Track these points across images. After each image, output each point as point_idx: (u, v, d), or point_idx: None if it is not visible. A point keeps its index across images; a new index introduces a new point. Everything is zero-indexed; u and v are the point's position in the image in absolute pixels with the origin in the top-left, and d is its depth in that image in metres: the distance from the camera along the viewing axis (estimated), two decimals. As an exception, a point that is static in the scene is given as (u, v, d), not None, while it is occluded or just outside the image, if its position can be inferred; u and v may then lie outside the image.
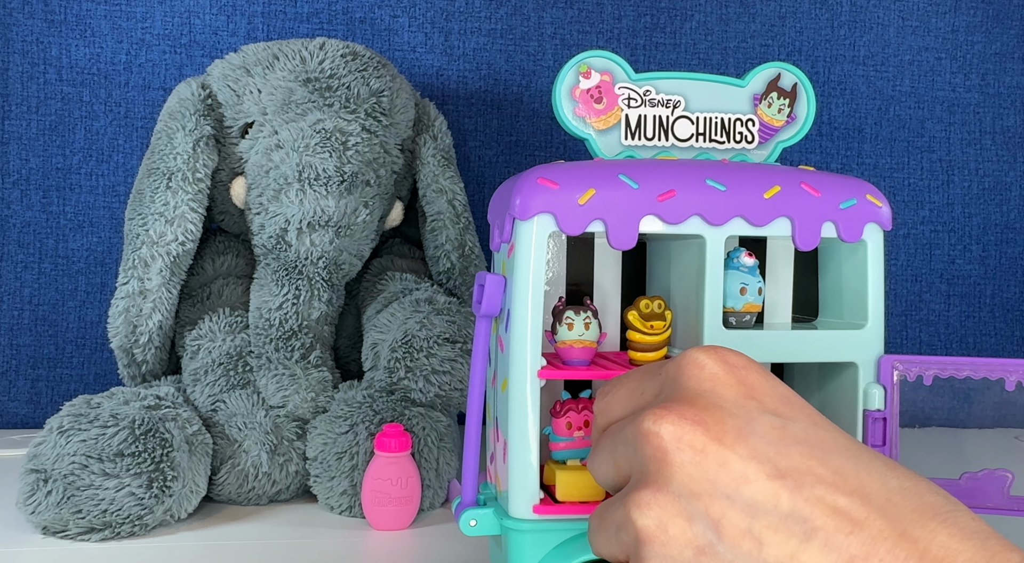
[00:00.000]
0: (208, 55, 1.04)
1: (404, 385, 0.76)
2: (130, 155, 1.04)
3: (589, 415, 0.52)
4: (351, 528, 0.70)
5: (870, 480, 0.33)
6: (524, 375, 0.49)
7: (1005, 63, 1.19)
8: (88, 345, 1.04)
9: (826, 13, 1.15)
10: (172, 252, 0.81)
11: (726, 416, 0.35)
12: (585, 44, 1.10)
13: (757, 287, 0.53)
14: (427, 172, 0.88)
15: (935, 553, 0.31)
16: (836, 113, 1.17)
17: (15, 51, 1.02)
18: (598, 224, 0.49)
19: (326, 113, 0.80)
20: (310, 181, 0.79)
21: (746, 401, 0.36)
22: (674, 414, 0.35)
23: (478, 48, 1.09)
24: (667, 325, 0.52)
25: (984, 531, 0.31)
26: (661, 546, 0.34)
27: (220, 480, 0.73)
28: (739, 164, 0.53)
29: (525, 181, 0.50)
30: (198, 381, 0.79)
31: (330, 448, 0.73)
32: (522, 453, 0.50)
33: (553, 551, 0.50)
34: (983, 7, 1.18)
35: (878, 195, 0.53)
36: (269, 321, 0.78)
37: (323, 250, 0.80)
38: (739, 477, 0.33)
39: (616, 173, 0.50)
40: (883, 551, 0.31)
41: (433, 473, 0.73)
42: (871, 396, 0.52)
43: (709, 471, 0.33)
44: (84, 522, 0.65)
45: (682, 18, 1.12)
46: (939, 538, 0.31)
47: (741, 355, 0.38)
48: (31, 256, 1.03)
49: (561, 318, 0.52)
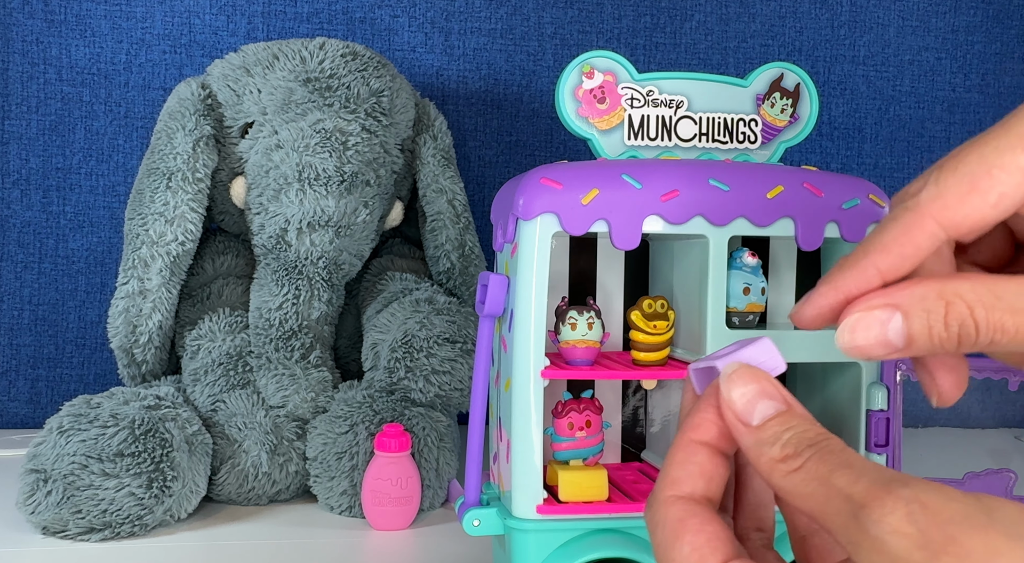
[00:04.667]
0: (208, 55, 1.03)
1: (404, 385, 0.76)
2: (130, 155, 1.04)
3: (591, 415, 0.52)
4: (351, 528, 0.70)
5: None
6: (527, 375, 0.49)
7: (1005, 63, 1.19)
8: (88, 345, 1.04)
9: (826, 13, 1.15)
10: (172, 252, 0.80)
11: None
12: (585, 44, 1.10)
13: (760, 287, 0.53)
14: (427, 172, 0.88)
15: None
16: (836, 113, 1.17)
17: (15, 51, 1.01)
18: (601, 224, 0.49)
19: (326, 113, 0.80)
20: (310, 181, 0.79)
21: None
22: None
23: (478, 48, 1.09)
24: (670, 325, 0.52)
25: None
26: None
27: (220, 480, 0.73)
28: (742, 164, 0.53)
29: (528, 181, 0.50)
30: (198, 381, 0.79)
31: (330, 448, 0.73)
32: (525, 453, 0.50)
33: (556, 551, 0.50)
34: (983, 7, 1.18)
35: (881, 195, 0.53)
36: (269, 321, 0.78)
37: (323, 250, 0.80)
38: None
39: (619, 173, 0.50)
40: None
41: (433, 473, 0.73)
42: (874, 396, 0.52)
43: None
44: (84, 522, 0.65)
45: (682, 18, 1.12)
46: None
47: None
48: (31, 256, 1.03)
49: (564, 318, 0.52)
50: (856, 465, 0.27)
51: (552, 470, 0.53)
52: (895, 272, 0.31)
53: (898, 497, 0.26)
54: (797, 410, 0.31)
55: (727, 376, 0.32)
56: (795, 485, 0.29)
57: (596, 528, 0.51)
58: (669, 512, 0.31)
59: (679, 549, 0.30)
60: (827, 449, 0.29)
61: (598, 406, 0.53)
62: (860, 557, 0.26)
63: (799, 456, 0.29)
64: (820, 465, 0.28)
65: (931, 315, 0.29)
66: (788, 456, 0.29)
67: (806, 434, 0.29)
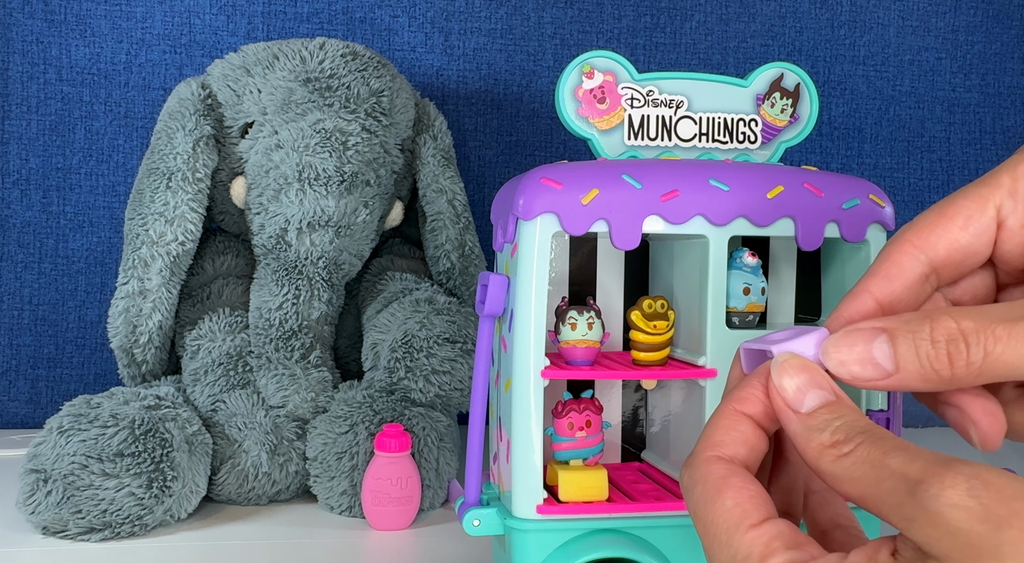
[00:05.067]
0: (208, 55, 1.03)
1: (404, 385, 0.76)
2: (130, 155, 1.04)
3: (591, 415, 0.52)
4: (351, 528, 0.70)
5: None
6: (527, 375, 0.49)
7: (1005, 63, 1.19)
8: (88, 345, 1.04)
9: (826, 13, 1.15)
10: (172, 252, 0.80)
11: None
12: (585, 44, 1.10)
13: (760, 287, 0.53)
14: (427, 172, 0.88)
15: None
16: (836, 113, 1.17)
17: (15, 51, 1.01)
18: (601, 224, 0.49)
19: (326, 113, 0.80)
20: (310, 181, 0.79)
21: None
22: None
23: (478, 48, 1.09)
24: (670, 325, 0.52)
25: None
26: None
27: (220, 480, 0.73)
28: (742, 164, 0.53)
29: (528, 181, 0.50)
30: (198, 381, 0.79)
31: (330, 448, 0.73)
32: (525, 453, 0.50)
33: (556, 551, 0.50)
34: (983, 7, 1.18)
35: (881, 195, 0.53)
36: (269, 321, 0.78)
37: (323, 250, 0.80)
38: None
39: (619, 173, 0.50)
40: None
41: (433, 473, 0.73)
42: (874, 396, 0.52)
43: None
44: (84, 522, 0.65)
45: (682, 18, 1.12)
46: None
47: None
48: (31, 256, 1.03)
49: (564, 318, 0.52)
50: (911, 448, 0.28)
51: (552, 470, 0.53)
52: (887, 296, 0.33)
53: (958, 473, 0.26)
54: (847, 402, 0.31)
55: (779, 364, 0.32)
56: (845, 469, 0.28)
57: (596, 528, 0.51)
58: (711, 469, 0.31)
59: (721, 503, 0.30)
60: (879, 435, 0.29)
61: (598, 406, 0.53)
62: (914, 532, 0.26)
63: (850, 441, 0.29)
64: (873, 449, 0.28)
65: (917, 335, 0.29)
66: (839, 441, 0.29)
67: (857, 422, 0.29)
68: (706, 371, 0.51)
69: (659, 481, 0.56)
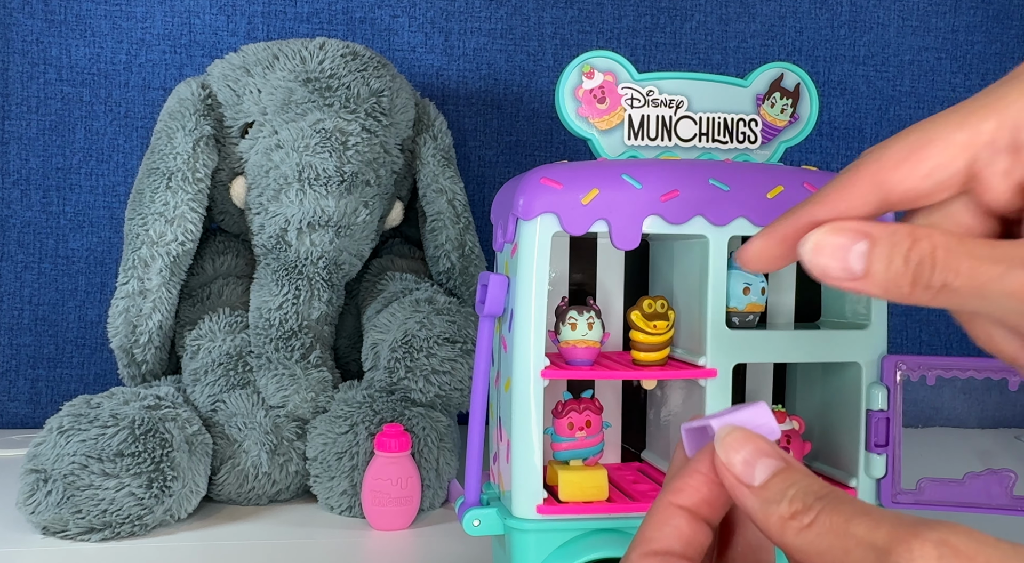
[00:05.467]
0: (208, 55, 1.03)
1: (404, 385, 0.76)
2: (130, 155, 1.04)
3: (590, 415, 0.52)
4: (351, 528, 0.70)
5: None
6: (527, 375, 0.49)
7: (1005, 63, 1.19)
8: (88, 345, 1.04)
9: (826, 13, 1.15)
10: (172, 252, 0.80)
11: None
12: (585, 44, 1.10)
13: (760, 287, 0.53)
14: (427, 172, 0.88)
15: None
16: (836, 113, 1.17)
17: (15, 51, 1.01)
18: (601, 224, 0.49)
19: (326, 113, 0.80)
20: (310, 181, 0.79)
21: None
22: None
23: (478, 48, 1.09)
24: (670, 325, 0.52)
25: None
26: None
27: (220, 480, 0.73)
28: (742, 164, 0.53)
29: (528, 181, 0.50)
30: (198, 381, 0.79)
31: (330, 448, 0.73)
32: (525, 453, 0.50)
33: (556, 551, 0.50)
34: (983, 7, 1.18)
35: (881, 195, 0.53)
36: (269, 321, 0.78)
37: (323, 250, 0.80)
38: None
39: (619, 173, 0.50)
40: None
41: (433, 473, 0.73)
42: (874, 396, 0.52)
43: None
44: (84, 522, 0.65)
45: (682, 18, 1.12)
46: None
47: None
48: (31, 256, 1.03)
49: (564, 318, 0.52)
50: (872, 512, 0.26)
51: (552, 470, 0.53)
52: None
53: (925, 539, 0.25)
54: (797, 467, 0.30)
55: (722, 440, 0.31)
56: (810, 542, 0.27)
57: (596, 528, 0.51)
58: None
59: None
60: (837, 499, 0.27)
61: (598, 406, 0.53)
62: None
63: (810, 510, 0.28)
64: (834, 516, 0.27)
65: (895, 247, 0.29)
66: (798, 512, 0.28)
67: (811, 487, 0.28)
68: (706, 371, 0.51)
69: (659, 481, 0.56)
